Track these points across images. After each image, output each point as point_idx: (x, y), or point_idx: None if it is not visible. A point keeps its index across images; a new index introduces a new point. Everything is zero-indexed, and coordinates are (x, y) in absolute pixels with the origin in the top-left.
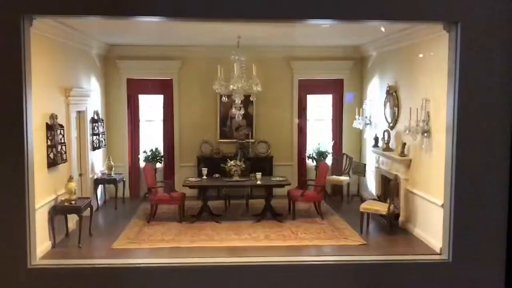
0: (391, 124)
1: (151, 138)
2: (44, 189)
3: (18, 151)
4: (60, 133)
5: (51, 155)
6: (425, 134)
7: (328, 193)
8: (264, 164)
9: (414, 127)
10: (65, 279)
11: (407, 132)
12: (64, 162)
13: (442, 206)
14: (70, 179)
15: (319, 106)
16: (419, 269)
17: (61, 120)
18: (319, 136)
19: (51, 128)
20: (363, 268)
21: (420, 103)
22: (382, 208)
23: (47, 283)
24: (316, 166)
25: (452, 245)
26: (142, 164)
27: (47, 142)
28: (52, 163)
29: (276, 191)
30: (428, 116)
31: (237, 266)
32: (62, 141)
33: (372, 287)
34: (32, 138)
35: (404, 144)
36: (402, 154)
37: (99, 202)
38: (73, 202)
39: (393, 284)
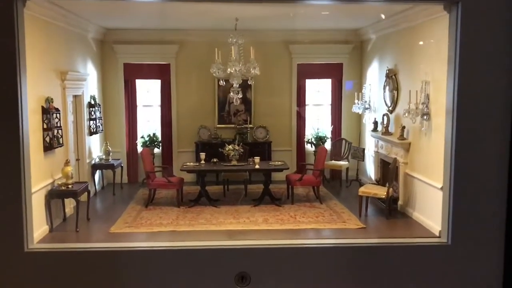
0: (390, 108)
1: (149, 123)
2: (41, 173)
3: (13, 134)
4: (56, 116)
5: (47, 139)
6: (425, 117)
7: (327, 178)
8: (262, 149)
9: (414, 110)
10: (62, 262)
11: (406, 115)
12: (60, 146)
13: (441, 189)
14: (67, 163)
15: (318, 91)
16: (418, 252)
17: (57, 104)
18: (318, 121)
19: (47, 111)
20: (362, 251)
21: (419, 85)
22: (380, 191)
23: (45, 267)
24: (315, 151)
25: (451, 228)
26: (140, 149)
27: (43, 126)
28: (48, 147)
29: (275, 176)
30: (428, 98)
31: (235, 249)
32: (58, 125)
33: (371, 269)
34: (28, 121)
35: (403, 127)
36: (401, 137)
37: (96, 187)
38: (70, 186)
39: (392, 266)
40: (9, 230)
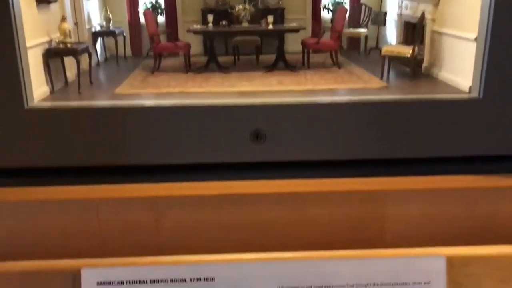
0: None
1: None
2: (36, 29)
3: None
4: None
5: None
6: None
7: (344, 48)
8: (275, 17)
9: None
10: (65, 120)
11: None
12: (55, 1)
13: (475, 39)
14: (63, 19)
15: None
16: (447, 107)
17: None
18: None
19: None
20: (385, 107)
21: None
22: (405, 50)
23: (46, 125)
24: (332, 19)
25: (484, 81)
26: (142, 19)
27: None
28: (41, 0)
29: (288, 47)
30: None
31: (250, 106)
32: None
33: (395, 127)
34: None
35: None
36: None
37: (99, 58)
38: (68, 45)
39: (419, 123)
40: (6, 86)
